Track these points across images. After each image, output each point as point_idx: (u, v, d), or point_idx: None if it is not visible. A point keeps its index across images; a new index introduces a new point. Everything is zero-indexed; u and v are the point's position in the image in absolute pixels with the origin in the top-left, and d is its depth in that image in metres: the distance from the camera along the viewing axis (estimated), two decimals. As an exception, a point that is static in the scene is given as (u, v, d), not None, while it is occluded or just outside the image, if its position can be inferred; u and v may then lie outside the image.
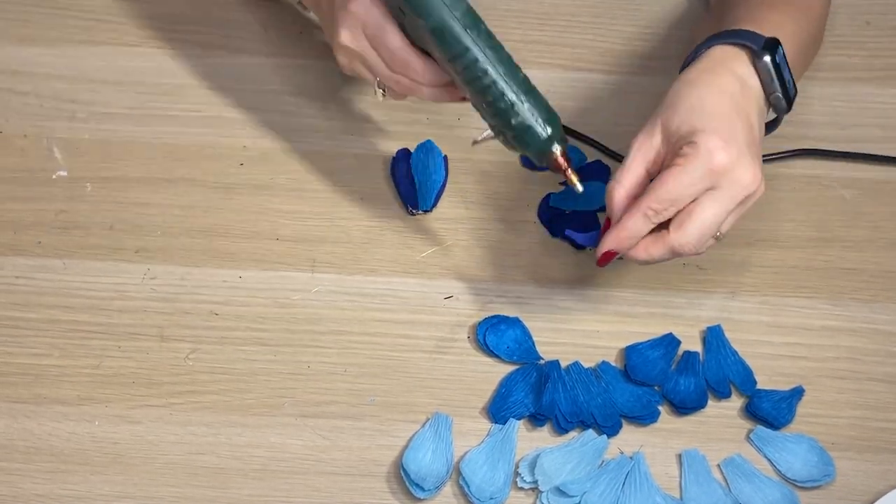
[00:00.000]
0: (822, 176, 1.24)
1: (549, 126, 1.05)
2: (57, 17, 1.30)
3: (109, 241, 1.19)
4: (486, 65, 1.04)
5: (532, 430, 1.12)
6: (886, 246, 1.20)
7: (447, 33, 1.03)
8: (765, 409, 1.12)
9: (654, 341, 1.15)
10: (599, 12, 1.32)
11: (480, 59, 1.04)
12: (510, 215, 1.21)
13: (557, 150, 1.05)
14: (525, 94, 1.04)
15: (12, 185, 1.22)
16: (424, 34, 1.04)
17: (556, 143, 1.05)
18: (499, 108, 1.04)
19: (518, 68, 1.05)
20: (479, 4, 1.31)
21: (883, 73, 1.29)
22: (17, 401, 1.12)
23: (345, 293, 1.16)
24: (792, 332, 1.16)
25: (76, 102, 1.26)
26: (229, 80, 1.27)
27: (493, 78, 1.04)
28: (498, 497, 1.08)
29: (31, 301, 1.16)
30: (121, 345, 1.14)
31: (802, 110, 1.26)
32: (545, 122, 1.05)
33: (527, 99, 1.04)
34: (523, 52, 1.28)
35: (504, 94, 1.04)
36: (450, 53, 1.04)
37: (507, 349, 1.14)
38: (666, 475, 1.10)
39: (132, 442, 1.10)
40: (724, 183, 1.04)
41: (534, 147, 1.05)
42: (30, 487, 1.08)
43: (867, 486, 1.10)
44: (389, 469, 1.10)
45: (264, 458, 1.10)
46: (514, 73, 1.05)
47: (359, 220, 1.21)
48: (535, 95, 1.05)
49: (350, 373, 1.14)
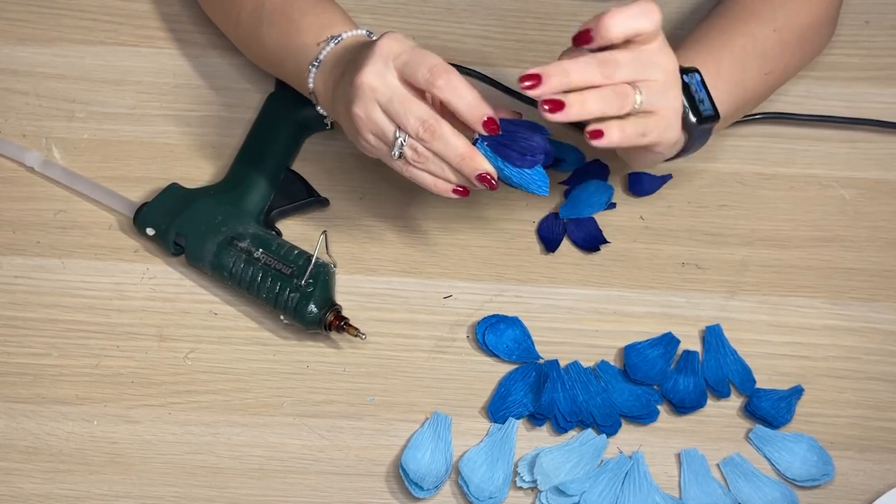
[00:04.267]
0: (822, 176, 1.24)
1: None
2: (56, 16, 1.30)
3: (108, 241, 1.19)
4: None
5: (531, 429, 1.12)
6: (886, 246, 1.20)
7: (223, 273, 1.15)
8: (764, 409, 1.12)
9: (654, 341, 1.15)
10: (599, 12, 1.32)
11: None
12: (510, 215, 1.21)
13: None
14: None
15: (12, 184, 1.22)
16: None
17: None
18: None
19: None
20: (480, 4, 1.32)
21: (882, 73, 1.29)
22: (16, 400, 1.12)
23: (344, 293, 1.16)
24: (791, 332, 1.16)
25: (75, 102, 1.26)
26: (229, 80, 1.27)
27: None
28: (497, 496, 1.08)
29: (29, 301, 1.16)
30: (120, 344, 1.14)
31: (801, 109, 1.26)
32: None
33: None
34: (523, 52, 1.29)
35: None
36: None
37: (506, 349, 1.14)
38: (665, 475, 1.10)
39: (131, 441, 1.10)
40: (651, 56, 1.04)
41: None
42: (29, 487, 1.08)
43: (867, 485, 1.10)
44: (388, 469, 1.10)
45: (263, 457, 1.10)
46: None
47: (359, 220, 1.21)
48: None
49: (349, 372, 1.14)
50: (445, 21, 1.31)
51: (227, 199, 1.18)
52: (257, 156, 1.20)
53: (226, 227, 1.15)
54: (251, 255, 1.14)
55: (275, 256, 1.14)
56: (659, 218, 1.21)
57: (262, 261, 1.13)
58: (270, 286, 1.13)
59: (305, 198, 1.20)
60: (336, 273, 1.14)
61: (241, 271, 1.14)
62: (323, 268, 1.13)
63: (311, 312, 1.12)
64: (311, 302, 1.12)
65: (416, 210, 1.21)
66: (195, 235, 1.16)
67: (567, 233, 1.20)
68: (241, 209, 1.17)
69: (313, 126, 1.21)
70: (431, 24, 1.31)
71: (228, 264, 1.14)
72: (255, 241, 1.14)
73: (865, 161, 1.25)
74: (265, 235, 1.15)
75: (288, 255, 1.13)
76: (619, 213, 1.21)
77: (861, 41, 1.30)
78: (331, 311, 1.13)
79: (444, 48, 1.29)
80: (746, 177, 1.23)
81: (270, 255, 1.14)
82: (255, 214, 1.17)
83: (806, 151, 1.25)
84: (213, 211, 1.16)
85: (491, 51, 1.29)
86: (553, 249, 1.19)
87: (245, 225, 1.16)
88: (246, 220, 1.16)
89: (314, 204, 1.20)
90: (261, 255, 1.14)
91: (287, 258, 1.13)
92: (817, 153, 1.25)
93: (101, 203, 1.20)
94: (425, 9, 1.32)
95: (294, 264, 1.13)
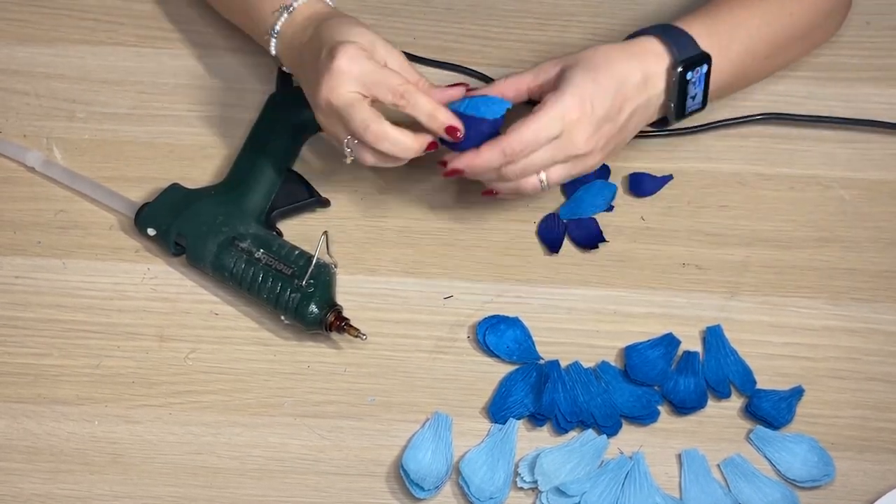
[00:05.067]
0: (822, 176, 1.24)
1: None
2: (57, 17, 1.31)
3: (109, 241, 1.19)
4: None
5: (532, 429, 1.12)
6: (886, 246, 1.20)
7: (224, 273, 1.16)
8: (764, 409, 1.12)
9: (654, 341, 1.15)
10: (599, 12, 1.32)
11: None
12: (510, 215, 1.21)
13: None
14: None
15: (12, 184, 1.22)
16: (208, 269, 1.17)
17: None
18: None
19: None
20: (480, 4, 1.32)
21: (882, 73, 1.29)
22: (17, 401, 1.12)
23: (344, 293, 1.16)
24: (792, 332, 1.16)
25: (76, 102, 1.26)
26: (229, 80, 1.28)
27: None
28: (497, 497, 1.08)
29: (30, 301, 1.16)
30: (120, 345, 1.14)
31: (801, 109, 1.26)
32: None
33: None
34: (523, 52, 1.29)
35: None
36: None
37: (506, 349, 1.14)
38: (666, 475, 1.10)
39: (131, 442, 1.10)
40: (563, 135, 1.11)
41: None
42: (29, 487, 1.08)
43: (867, 486, 1.10)
44: (389, 469, 1.10)
45: (263, 457, 1.10)
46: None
47: (359, 220, 1.21)
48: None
49: (349, 373, 1.14)
50: (445, 21, 1.31)
51: (228, 200, 1.18)
52: (258, 156, 1.20)
53: (227, 227, 1.15)
54: (252, 256, 1.14)
55: (276, 257, 1.14)
56: (659, 218, 1.21)
57: (263, 261, 1.13)
58: (271, 286, 1.13)
59: (306, 198, 1.20)
60: (337, 273, 1.14)
61: (242, 272, 1.14)
62: (324, 268, 1.13)
63: (311, 313, 1.12)
64: (312, 302, 1.12)
65: (416, 210, 1.21)
66: (196, 236, 1.16)
67: (567, 232, 1.20)
68: (242, 209, 1.17)
69: (314, 127, 1.21)
70: (431, 24, 1.31)
71: (229, 264, 1.14)
72: (255, 242, 1.14)
73: (865, 161, 1.25)
74: (266, 236, 1.15)
75: (289, 255, 1.13)
76: (619, 214, 1.21)
77: (862, 42, 1.30)
78: (331, 312, 1.13)
79: (444, 48, 1.29)
80: (747, 177, 1.23)
81: (271, 256, 1.14)
82: (256, 215, 1.17)
83: (806, 152, 1.25)
84: (213, 211, 1.16)
85: (491, 51, 1.29)
86: (556, 250, 1.19)
87: (246, 225, 1.16)
88: (247, 221, 1.16)
89: (315, 204, 1.20)
90: (262, 255, 1.14)
91: (288, 258, 1.13)
92: (817, 154, 1.25)
93: (102, 203, 1.20)
94: (425, 9, 1.32)
95: (295, 265, 1.13)
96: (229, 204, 1.17)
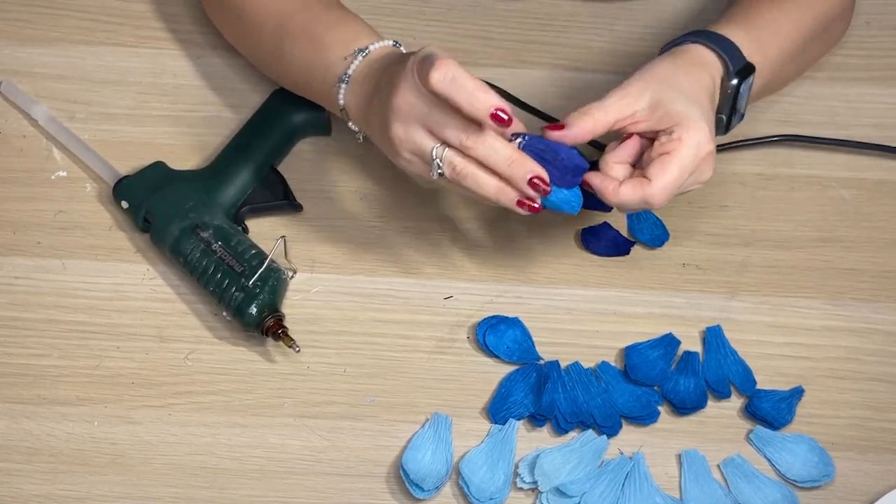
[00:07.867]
0: (822, 176, 1.24)
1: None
2: (57, 17, 1.30)
3: (108, 241, 1.19)
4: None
5: (532, 430, 1.12)
6: (886, 246, 1.20)
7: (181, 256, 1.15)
8: (764, 410, 1.12)
9: (654, 341, 1.15)
10: (599, 12, 1.32)
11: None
12: (510, 215, 1.21)
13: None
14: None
15: (12, 185, 1.22)
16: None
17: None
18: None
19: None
20: (480, 5, 1.32)
21: (882, 73, 1.29)
22: (17, 401, 1.12)
23: (344, 293, 1.16)
24: (792, 332, 1.16)
25: (76, 103, 1.26)
26: (229, 80, 1.27)
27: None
28: (497, 497, 1.08)
29: (30, 301, 1.16)
30: (120, 345, 1.14)
31: (801, 110, 1.26)
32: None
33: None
34: (523, 53, 1.29)
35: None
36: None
37: (506, 349, 1.14)
38: (666, 475, 1.10)
39: (131, 442, 1.10)
40: (702, 166, 1.07)
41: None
42: (29, 488, 1.08)
43: (867, 486, 1.10)
44: (389, 469, 1.10)
45: (263, 458, 1.10)
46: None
47: (359, 220, 1.20)
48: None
49: (349, 373, 1.14)
50: (446, 21, 1.31)
51: (204, 187, 1.18)
52: (242, 151, 1.20)
53: (194, 213, 1.15)
54: (209, 247, 1.14)
55: (231, 252, 1.13)
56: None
57: (218, 254, 1.13)
58: (219, 280, 1.12)
59: (280, 199, 1.19)
60: (290, 281, 1.13)
61: (196, 261, 1.14)
62: (275, 272, 1.12)
63: (250, 314, 1.12)
64: (253, 304, 1.11)
65: (416, 210, 1.21)
66: (163, 216, 1.16)
67: (585, 245, 1.19)
68: (214, 199, 1.17)
69: (310, 129, 1.21)
70: (432, 25, 1.31)
71: (186, 251, 1.14)
72: (217, 234, 1.14)
73: (865, 162, 1.25)
74: (228, 229, 1.15)
75: (244, 253, 1.13)
76: (619, 215, 1.21)
77: (862, 42, 1.30)
78: (272, 317, 1.12)
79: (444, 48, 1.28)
80: (747, 177, 1.23)
81: (227, 251, 1.13)
82: (227, 207, 1.17)
83: (806, 152, 1.25)
84: (186, 196, 1.16)
85: (491, 51, 1.29)
86: (624, 251, 1.19)
87: (213, 215, 1.16)
88: (215, 211, 1.16)
89: (287, 207, 1.20)
90: (218, 248, 1.14)
91: (242, 256, 1.13)
92: (817, 154, 1.25)
93: (89, 168, 1.20)
94: (426, 9, 1.32)
95: (248, 264, 1.13)
96: (203, 191, 1.17)
